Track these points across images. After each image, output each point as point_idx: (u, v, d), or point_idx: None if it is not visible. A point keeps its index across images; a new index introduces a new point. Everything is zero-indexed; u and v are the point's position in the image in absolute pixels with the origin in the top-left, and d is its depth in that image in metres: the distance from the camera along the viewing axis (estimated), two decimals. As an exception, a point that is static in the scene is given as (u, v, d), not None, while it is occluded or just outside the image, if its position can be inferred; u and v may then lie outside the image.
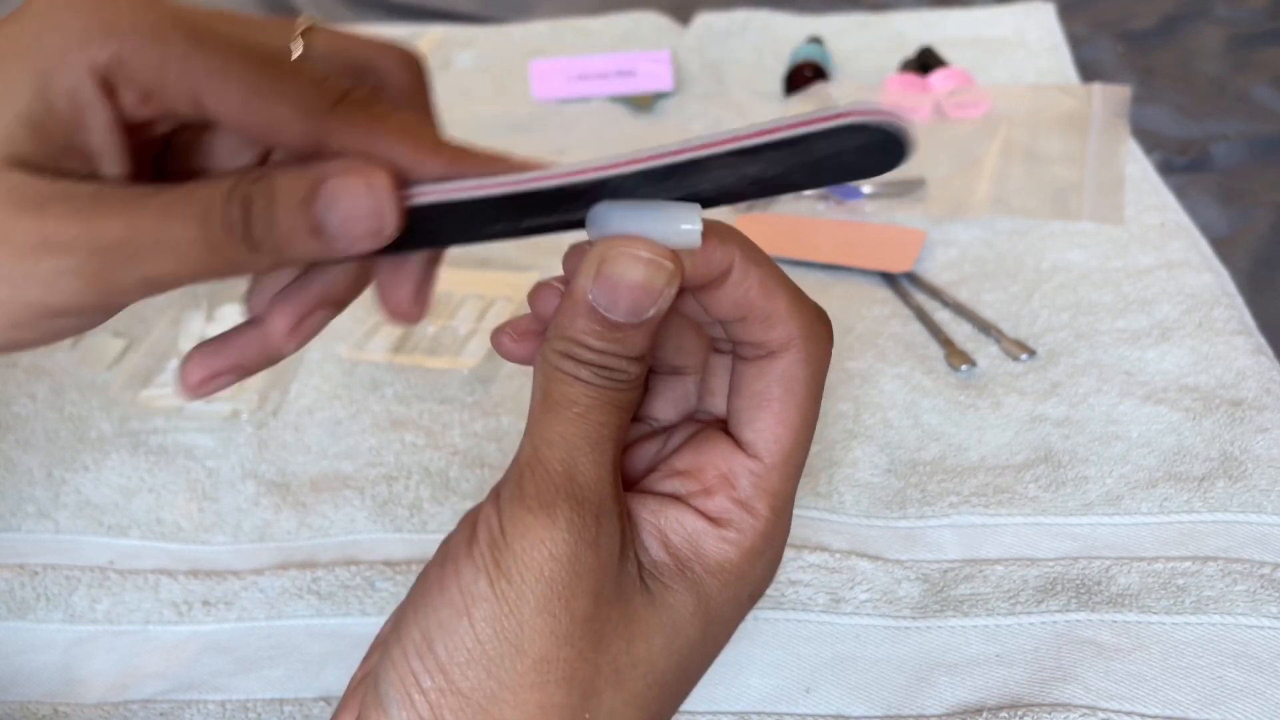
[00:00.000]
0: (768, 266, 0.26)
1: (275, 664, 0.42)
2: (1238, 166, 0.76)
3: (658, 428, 0.30)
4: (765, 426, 0.27)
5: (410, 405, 0.55)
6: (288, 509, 0.49)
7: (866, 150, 0.23)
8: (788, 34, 0.98)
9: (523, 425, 0.53)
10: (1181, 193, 0.70)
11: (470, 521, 0.26)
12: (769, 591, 0.43)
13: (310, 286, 0.31)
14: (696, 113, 0.87)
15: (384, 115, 0.27)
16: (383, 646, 0.26)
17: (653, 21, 1.04)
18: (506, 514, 0.25)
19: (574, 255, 0.27)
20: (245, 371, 0.32)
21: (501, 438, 0.53)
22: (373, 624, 0.44)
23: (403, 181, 0.27)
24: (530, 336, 0.28)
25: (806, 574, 0.44)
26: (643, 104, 0.89)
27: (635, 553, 0.26)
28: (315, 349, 0.60)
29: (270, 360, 0.31)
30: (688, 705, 0.39)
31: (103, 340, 0.61)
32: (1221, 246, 0.64)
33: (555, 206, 0.26)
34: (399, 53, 0.30)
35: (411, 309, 0.30)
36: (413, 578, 0.45)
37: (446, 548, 0.26)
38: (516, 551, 0.24)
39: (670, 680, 0.26)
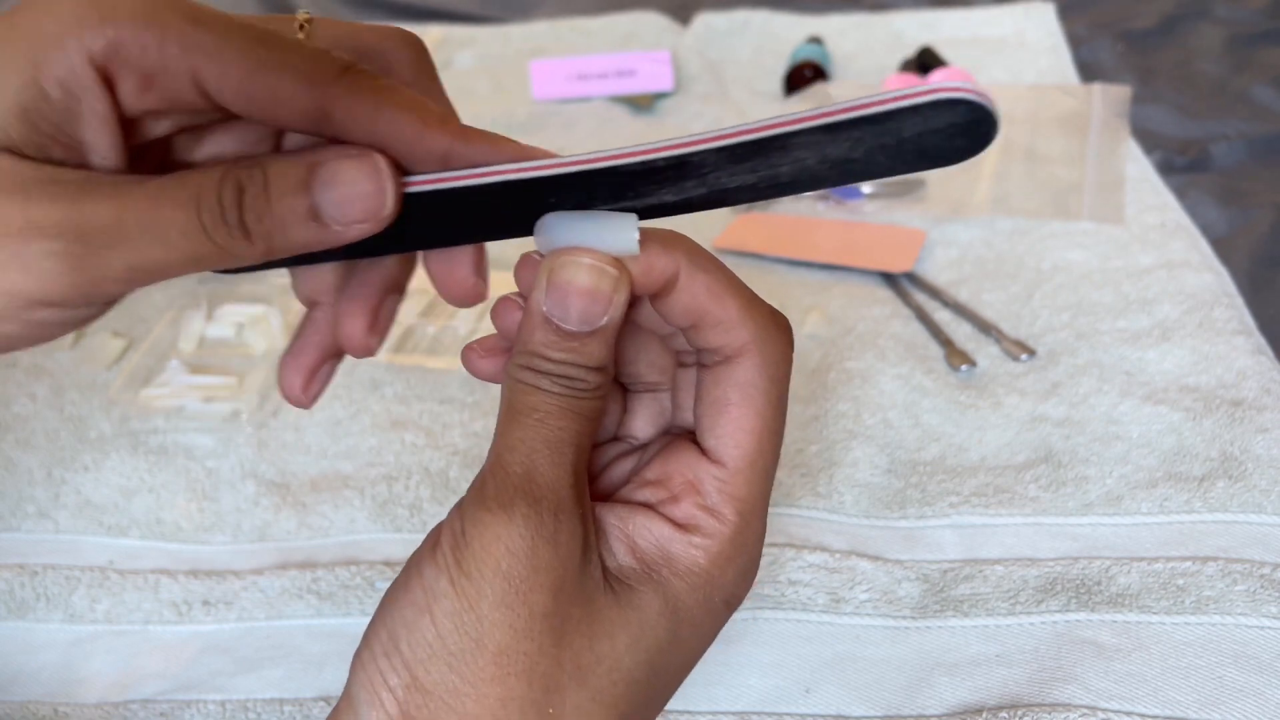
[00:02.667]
0: (716, 272, 0.27)
1: (275, 664, 0.42)
2: (1238, 166, 0.76)
3: (636, 445, 0.31)
4: (725, 433, 0.27)
5: (410, 405, 0.55)
6: (288, 509, 0.49)
7: (953, 131, 0.22)
8: (788, 34, 0.98)
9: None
10: (1181, 193, 0.70)
11: (435, 531, 0.26)
12: (768, 592, 0.43)
13: (368, 277, 0.31)
14: (697, 113, 0.87)
15: (389, 88, 0.26)
16: (355, 655, 0.26)
17: (653, 21, 1.04)
18: (468, 516, 0.25)
19: (524, 267, 0.27)
20: (338, 356, 0.32)
21: (501, 438, 0.53)
22: (373, 624, 0.44)
23: (403, 169, 0.26)
24: (496, 353, 0.28)
25: (806, 574, 0.44)
26: (643, 104, 0.89)
27: (600, 556, 0.26)
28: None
29: (348, 350, 0.31)
30: (687, 705, 0.39)
31: (103, 340, 0.61)
32: (1221, 246, 0.64)
33: (603, 193, 0.25)
34: (401, 34, 0.30)
35: (473, 288, 0.29)
36: (413, 578, 0.45)
37: (412, 557, 0.26)
38: (475, 549, 0.24)
39: (639, 679, 0.26)
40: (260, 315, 0.61)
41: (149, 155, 0.28)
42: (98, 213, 0.25)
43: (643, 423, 0.31)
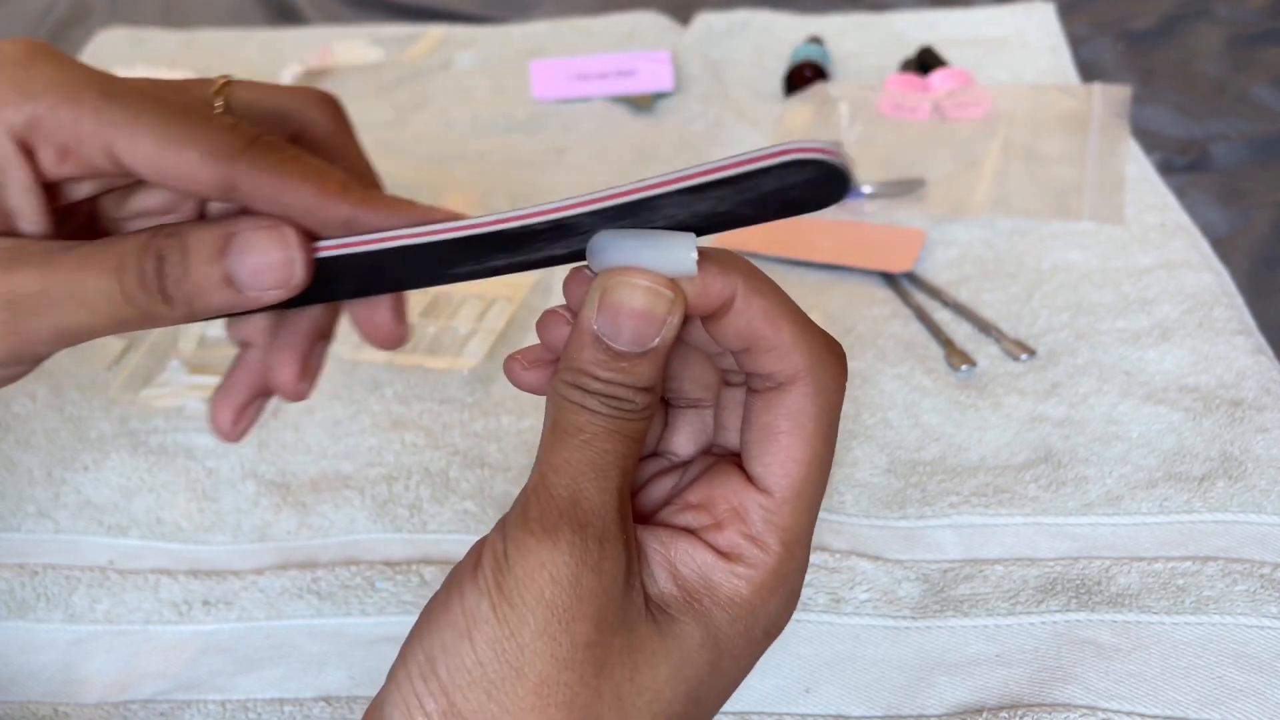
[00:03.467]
0: (773, 296, 0.26)
1: (275, 664, 0.42)
2: (1238, 166, 0.76)
3: (676, 462, 0.30)
4: (774, 461, 0.26)
5: (410, 405, 0.55)
6: (288, 509, 0.49)
7: (810, 185, 0.24)
8: (788, 34, 0.98)
9: (522, 425, 0.53)
10: (1181, 193, 0.70)
11: (477, 549, 0.26)
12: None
13: (297, 325, 0.32)
14: (696, 113, 0.87)
15: (293, 159, 0.28)
16: (390, 672, 0.26)
17: (653, 21, 1.04)
18: (511, 539, 0.25)
19: (572, 281, 0.27)
20: (266, 395, 0.33)
21: (501, 438, 0.53)
22: (373, 624, 0.44)
23: (313, 235, 0.28)
24: (541, 365, 0.28)
25: (806, 574, 0.43)
26: (643, 104, 0.89)
27: (642, 582, 0.26)
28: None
29: (280, 395, 0.33)
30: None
31: (103, 340, 0.61)
32: (1221, 246, 0.64)
33: (498, 250, 0.27)
34: (317, 95, 0.31)
35: (392, 332, 0.31)
36: (413, 578, 0.45)
37: (453, 573, 0.26)
38: (519, 575, 0.24)
39: (677, 711, 0.26)
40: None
41: (75, 215, 0.30)
42: (25, 282, 0.26)
43: (684, 439, 0.30)
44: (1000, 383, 0.54)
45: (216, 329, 0.60)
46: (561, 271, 0.27)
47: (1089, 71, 0.90)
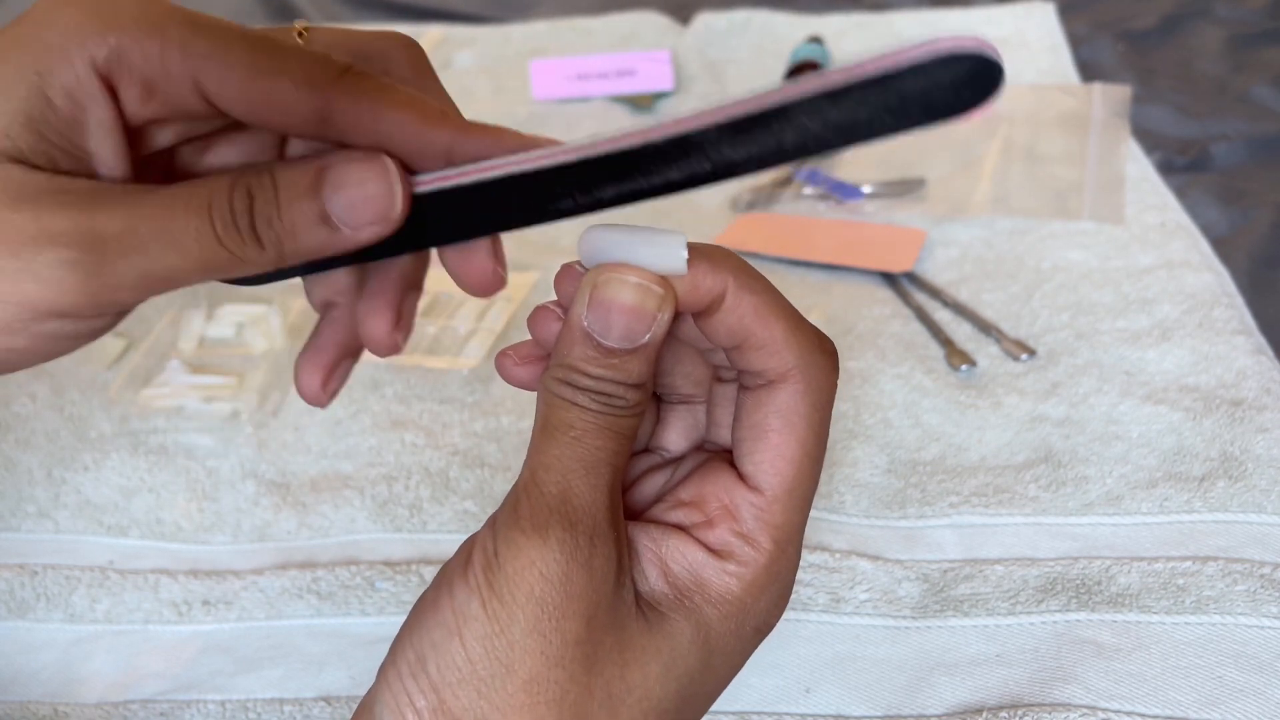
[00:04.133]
0: (764, 294, 0.26)
1: (275, 664, 0.42)
2: (1238, 166, 0.76)
3: (668, 458, 0.30)
4: (765, 459, 0.26)
5: (410, 405, 0.55)
6: (288, 509, 0.49)
7: (959, 84, 0.22)
8: (788, 34, 0.98)
9: (522, 425, 0.53)
10: (1181, 193, 0.70)
11: (467, 546, 0.26)
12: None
13: (387, 275, 0.31)
14: (696, 113, 0.87)
15: (389, 87, 0.26)
16: (380, 670, 0.26)
17: (653, 21, 1.04)
18: (501, 536, 0.25)
19: (564, 278, 0.27)
20: (355, 354, 0.32)
21: (501, 438, 0.53)
22: (373, 624, 0.44)
23: (411, 169, 0.27)
24: (532, 361, 0.27)
25: (806, 574, 0.44)
26: (643, 104, 0.89)
27: (633, 579, 0.26)
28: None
29: (372, 349, 0.31)
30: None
31: (103, 340, 0.61)
32: (1221, 246, 0.64)
33: (610, 177, 0.25)
34: (398, 37, 0.30)
35: (492, 275, 0.29)
36: (413, 578, 0.45)
37: (443, 571, 0.26)
38: (509, 572, 0.24)
39: (668, 709, 0.26)
40: (260, 315, 0.61)
41: (154, 166, 0.28)
42: (110, 221, 0.25)
43: (676, 435, 0.30)
44: (1000, 383, 0.54)
45: (217, 328, 0.60)
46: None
47: (1089, 71, 0.90)
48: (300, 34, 0.28)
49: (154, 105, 0.26)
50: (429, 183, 0.27)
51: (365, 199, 0.26)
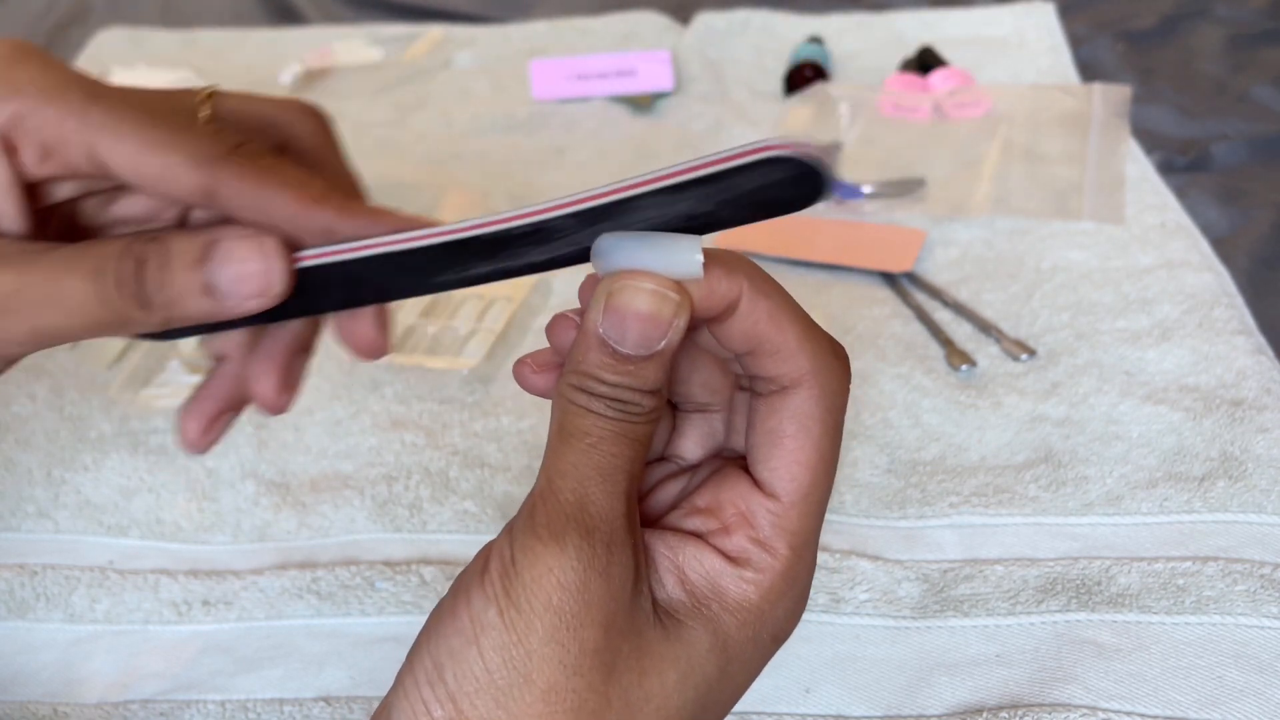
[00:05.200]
0: (778, 298, 0.26)
1: (275, 664, 0.42)
2: (1238, 166, 0.76)
3: (684, 466, 0.30)
4: (780, 465, 0.26)
5: (410, 405, 0.55)
6: (287, 509, 0.49)
7: (788, 184, 0.24)
8: (788, 34, 0.98)
9: (522, 425, 0.53)
10: (1181, 193, 0.70)
11: (484, 554, 0.26)
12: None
13: (278, 337, 0.32)
14: (696, 113, 0.87)
15: (274, 166, 0.28)
16: (397, 677, 0.26)
17: (653, 21, 1.04)
18: (518, 544, 0.25)
19: (588, 286, 0.27)
20: (238, 408, 0.33)
21: (501, 438, 0.53)
22: (373, 624, 0.44)
23: (296, 246, 0.28)
24: (550, 369, 0.27)
25: (806, 574, 0.44)
26: (643, 104, 0.89)
27: (650, 587, 0.26)
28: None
29: (260, 407, 0.33)
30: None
31: (103, 340, 0.61)
32: (1221, 246, 0.64)
33: (479, 257, 0.27)
34: (302, 107, 0.31)
35: (373, 342, 0.31)
36: (413, 578, 0.45)
37: (460, 579, 0.26)
38: (526, 580, 0.24)
39: (685, 717, 0.26)
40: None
41: (56, 220, 0.30)
42: (3, 281, 0.26)
43: (692, 444, 0.30)
44: (1000, 383, 0.54)
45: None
46: (562, 271, 0.27)
47: (1089, 71, 0.90)
48: (207, 98, 0.30)
49: (50, 166, 0.27)
50: (312, 258, 0.28)
51: (247, 275, 0.27)
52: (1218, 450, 0.48)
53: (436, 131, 0.87)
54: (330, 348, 0.62)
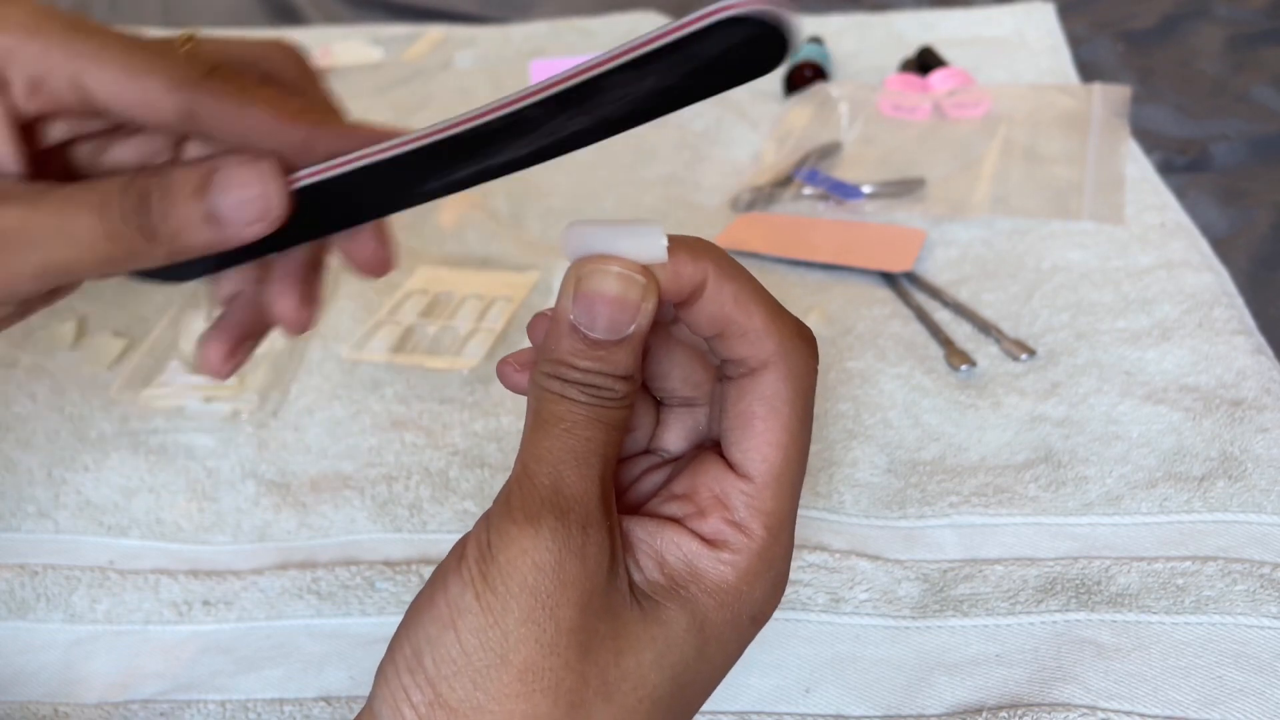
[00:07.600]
0: (743, 281, 0.27)
1: (275, 664, 0.42)
2: (1238, 166, 0.76)
3: (668, 458, 0.30)
4: (752, 446, 0.27)
5: (410, 405, 0.55)
6: (288, 509, 0.49)
7: (749, 44, 0.23)
8: (788, 34, 0.98)
9: (522, 425, 0.53)
10: (1181, 193, 0.70)
11: (461, 543, 0.26)
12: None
13: (290, 258, 0.33)
14: (696, 112, 0.87)
15: (250, 88, 0.29)
16: (379, 667, 0.26)
17: (653, 22, 1.04)
18: (494, 528, 0.25)
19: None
20: (258, 336, 0.34)
21: (501, 438, 0.53)
22: (373, 624, 0.44)
23: (290, 168, 0.29)
24: (531, 366, 0.28)
25: (806, 574, 0.44)
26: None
27: (628, 570, 0.26)
28: (315, 349, 0.60)
29: (284, 328, 0.34)
30: (688, 705, 0.39)
31: (103, 340, 0.61)
32: (1221, 246, 0.64)
33: (460, 158, 0.27)
34: (280, 46, 0.32)
35: (374, 255, 0.32)
36: (413, 578, 0.45)
37: (439, 568, 0.26)
38: (501, 563, 0.24)
39: (663, 696, 0.26)
40: (260, 315, 0.61)
41: (51, 166, 0.30)
42: (8, 216, 0.27)
43: (675, 436, 0.30)
44: (1000, 383, 0.54)
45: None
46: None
47: (1089, 71, 0.90)
48: (187, 41, 0.30)
49: (40, 100, 0.28)
50: (305, 177, 0.29)
51: (248, 200, 0.28)
52: (1217, 450, 0.48)
53: (436, 131, 0.87)
54: (330, 348, 0.62)
